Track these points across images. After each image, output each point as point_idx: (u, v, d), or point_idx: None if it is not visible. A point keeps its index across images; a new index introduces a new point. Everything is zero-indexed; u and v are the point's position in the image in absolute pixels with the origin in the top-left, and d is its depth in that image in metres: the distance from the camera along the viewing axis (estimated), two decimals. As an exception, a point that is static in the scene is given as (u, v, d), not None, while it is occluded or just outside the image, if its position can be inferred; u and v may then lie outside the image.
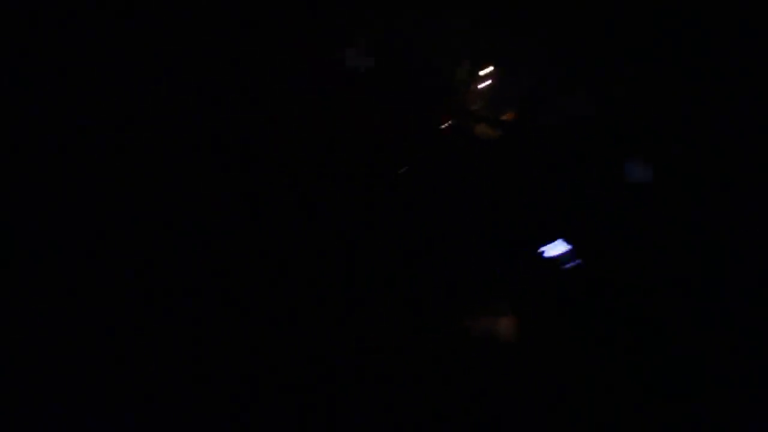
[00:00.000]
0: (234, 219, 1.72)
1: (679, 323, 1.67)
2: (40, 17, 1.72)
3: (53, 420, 1.46)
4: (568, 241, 1.79)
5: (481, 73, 1.97)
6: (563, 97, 1.91)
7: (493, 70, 1.97)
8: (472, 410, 1.59)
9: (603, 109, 1.87)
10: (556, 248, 1.79)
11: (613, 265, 1.76)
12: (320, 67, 1.85)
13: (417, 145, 1.90)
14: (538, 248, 1.81)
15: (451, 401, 1.60)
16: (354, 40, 1.87)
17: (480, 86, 1.98)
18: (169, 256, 1.65)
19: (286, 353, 1.60)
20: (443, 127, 1.95)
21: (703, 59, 1.80)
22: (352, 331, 1.67)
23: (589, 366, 1.66)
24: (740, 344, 1.61)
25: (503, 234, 1.86)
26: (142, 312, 1.59)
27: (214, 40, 1.79)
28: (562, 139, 1.89)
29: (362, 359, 1.62)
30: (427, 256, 1.81)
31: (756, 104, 1.75)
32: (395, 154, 1.85)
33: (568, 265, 1.78)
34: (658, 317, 1.68)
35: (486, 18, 1.94)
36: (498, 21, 1.95)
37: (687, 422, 1.56)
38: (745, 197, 1.72)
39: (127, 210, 1.68)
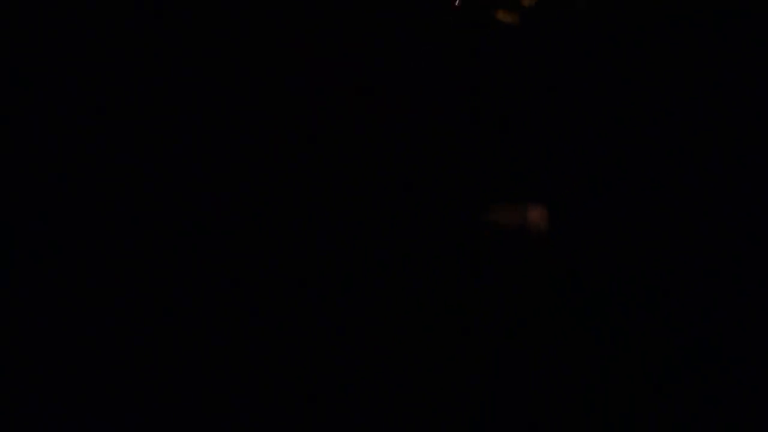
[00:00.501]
0: (234, 219, 1.72)
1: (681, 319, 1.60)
2: (40, 17, 1.72)
3: (53, 420, 1.46)
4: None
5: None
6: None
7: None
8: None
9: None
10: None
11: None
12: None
13: (426, 32, 1.72)
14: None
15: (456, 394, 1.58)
16: None
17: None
18: (169, 256, 1.66)
19: (287, 353, 1.60)
20: (455, 9, 1.72)
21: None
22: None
23: (588, 363, 1.59)
24: (741, 343, 1.58)
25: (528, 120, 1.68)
26: (142, 312, 1.59)
27: (214, 39, 1.79)
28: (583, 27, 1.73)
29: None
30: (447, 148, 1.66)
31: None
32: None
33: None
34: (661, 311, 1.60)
35: None
36: None
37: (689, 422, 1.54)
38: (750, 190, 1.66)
39: (128, 210, 1.68)
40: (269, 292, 1.65)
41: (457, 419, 1.53)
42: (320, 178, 1.70)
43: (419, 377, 1.56)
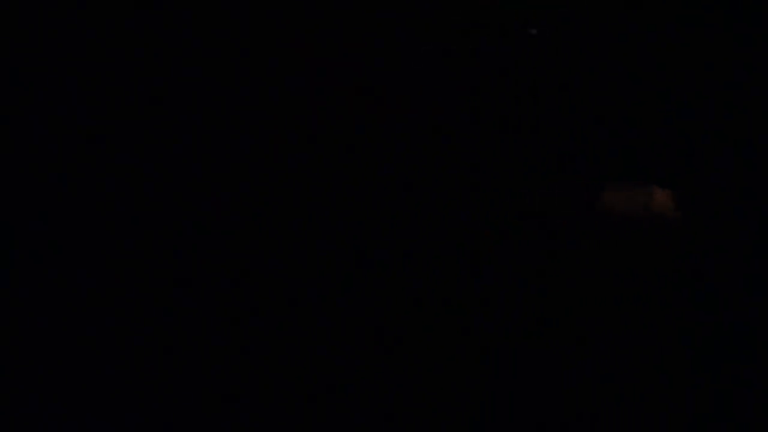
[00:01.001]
0: (234, 219, 1.72)
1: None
2: (40, 17, 1.72)
3: (53, 420, 1.46)
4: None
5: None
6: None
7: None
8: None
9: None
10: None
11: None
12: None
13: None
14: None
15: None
16: None
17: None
18: (169, 255, 1.65)
19: (288, 352, 1.60)
20: None
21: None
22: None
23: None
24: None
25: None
26: (142, 312, 1.59)
27: (214, 39, 1.79)
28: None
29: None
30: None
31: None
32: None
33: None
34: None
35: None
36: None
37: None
38: None
39: (128, 210, 1.68)
40: (283, 290, 1.65)
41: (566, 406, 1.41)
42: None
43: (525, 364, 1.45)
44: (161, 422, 1.49)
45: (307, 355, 1.60)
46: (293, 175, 1.77)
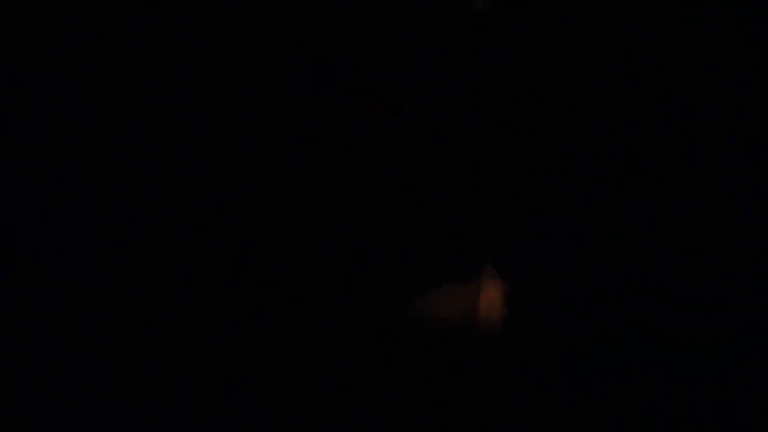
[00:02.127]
0: (234, 219, 1.72)
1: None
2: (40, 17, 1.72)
3: (53, 420, 1.47)
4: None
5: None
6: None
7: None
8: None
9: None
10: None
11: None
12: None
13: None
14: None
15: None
16: None
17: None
18: (169, 256, 1.66)
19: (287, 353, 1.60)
20: None
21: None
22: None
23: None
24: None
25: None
26: (142, 312, 1.60)
27: (214, 39, 1.79)
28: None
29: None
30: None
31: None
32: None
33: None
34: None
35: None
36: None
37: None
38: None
39: (128, 210, 1.68)
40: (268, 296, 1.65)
41: None
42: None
43: None
44: (161, 422, 1.50)
45: (307, 355, 1.60)
46: (293, 175, 1.77)
